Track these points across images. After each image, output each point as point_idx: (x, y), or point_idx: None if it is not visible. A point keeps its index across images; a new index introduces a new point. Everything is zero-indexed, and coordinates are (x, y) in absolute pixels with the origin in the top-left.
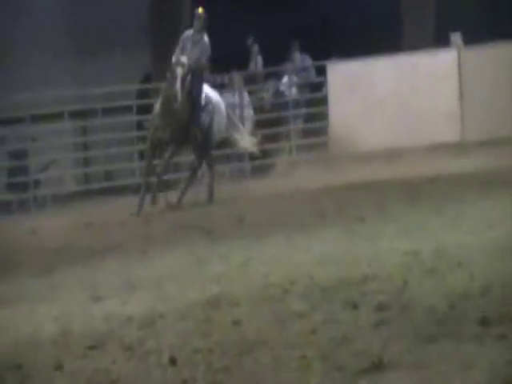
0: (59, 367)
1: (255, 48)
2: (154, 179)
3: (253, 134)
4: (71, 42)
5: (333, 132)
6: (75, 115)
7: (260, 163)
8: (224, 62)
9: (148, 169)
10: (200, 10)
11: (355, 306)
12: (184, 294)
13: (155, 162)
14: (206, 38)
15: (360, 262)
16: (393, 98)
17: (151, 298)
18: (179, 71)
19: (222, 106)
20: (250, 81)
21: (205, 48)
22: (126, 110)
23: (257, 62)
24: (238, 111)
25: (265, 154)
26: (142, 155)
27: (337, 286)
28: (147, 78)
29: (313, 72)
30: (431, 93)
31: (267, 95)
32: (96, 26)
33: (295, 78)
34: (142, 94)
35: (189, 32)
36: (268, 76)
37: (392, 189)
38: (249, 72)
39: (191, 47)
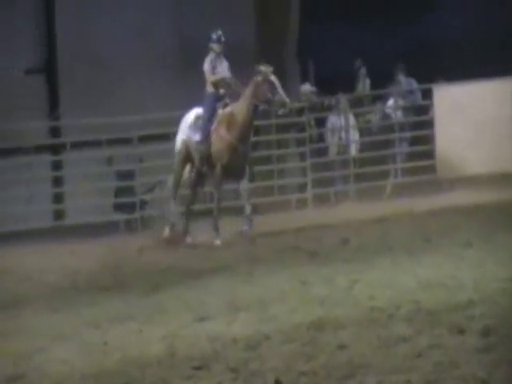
0: None
1: (363, 71)
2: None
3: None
4: (179, 62)
5: (439, 155)
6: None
7: (365, 186)
8: (330, 84)
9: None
10: (219, 32)
11: (461, 331)
12: (289, 316)
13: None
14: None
15: (466, 286)
16: (501, 122)
17: (256, 319)
18: (275, 79)
19: None
20: (356, 103)
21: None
22: None
23: (365, 85)
24: (343, 134)
25: (370, 176)
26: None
27: (442, 310)
28: None
29: (419, 95)
30: None
31: (375, 118)
32: (203, 46)
33: (401, 101)
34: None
35: (212, 55)
36: (375, 98)
37: (500, 214)
38: (355, 94)
39: (222, 68)
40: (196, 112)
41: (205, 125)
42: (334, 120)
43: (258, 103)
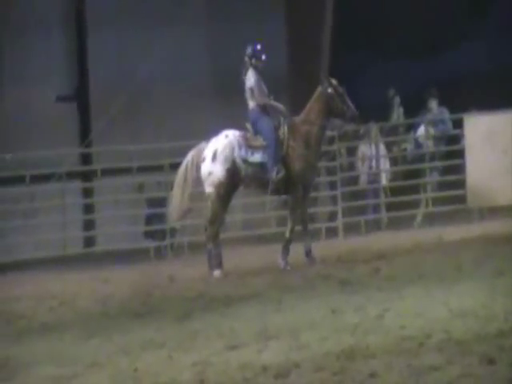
0: None
1: (397, 100)
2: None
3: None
4: (211, 90)
5: (470, 185)
6: None
7: (396, 215)
8: (363, 112)
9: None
10: (260, 47)
11: (492, 361)
12: (319, 344)
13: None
14: None
15: (497, 316)
16: None
17: (286, 347)
18: (344, 91)
19: None
20: (390, 132)
21: None
22: None
23: (399, 114)
24: (373, 163)
25: (402, 206)
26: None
27: (473, 340)
28: None
29: (450, 124)
30: None
31: (410, 147)
32: (236, 73)
33: (432, 130)
34: None
35: (256, 72)
36: (410, 127)
37: None
38: (386, 123)
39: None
40: (233, 134)
41: (273, 149)
42: (364, 149)
43: (332, 116)
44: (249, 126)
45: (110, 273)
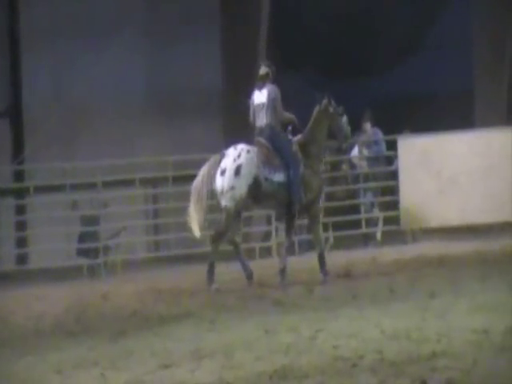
0: None
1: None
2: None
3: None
4: (146, 109)
5: (403, 206)
6: (146, 182)
7: (335, 235)
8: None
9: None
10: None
11: (424, 383)
12: (252, 364)
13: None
14: None
15: (430, 338)
16: (465, 174)
17: (220, 367)
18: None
19: None
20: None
21: None
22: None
23: None
24: None
25: (338, 225)
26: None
27: (406, 361)
28: None
29: (384, 146)
30: (504, 171)
31: (347, 167)
32: (172, 93)
33: (366, 151)
34: None
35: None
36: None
37: (465, 265)
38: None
39: None
40: (253, 150)
41: (297, 169)
42: None
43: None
44: (263, 141)
45: (43, 290)
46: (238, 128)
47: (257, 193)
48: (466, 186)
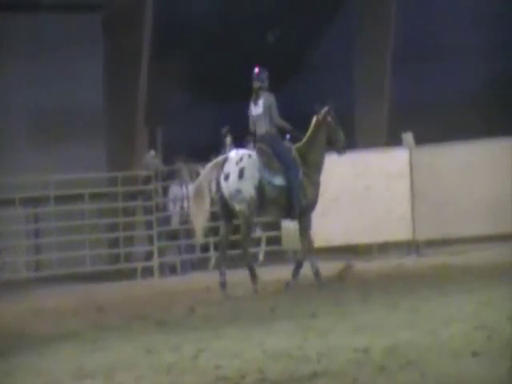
0: None
1: (228, 139)
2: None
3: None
4: (29, 129)
5: (284, 227)
6: (27, 202)
7: (212, 255)
8: (184, 151)
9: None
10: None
11: None
12: None
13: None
14: None
15: (310, 357)
16: (347, 194)
17: None
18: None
19: None
20: None
21: None
22: (79, 198)
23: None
24: (185, 203)
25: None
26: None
27: (287, 380)
28: None
29: None
30: (384, 191)
31: None
32: (55, 113)
33: None
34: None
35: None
36: None
37: (346, 285)
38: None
39: None
40: (254, 154)
41: (296, 173)
42: (175, 189)
43: (332, 146)
44: (264, 147)
45: None
46: (121, 148)
47: (262, 196)
48: (348, 206)
